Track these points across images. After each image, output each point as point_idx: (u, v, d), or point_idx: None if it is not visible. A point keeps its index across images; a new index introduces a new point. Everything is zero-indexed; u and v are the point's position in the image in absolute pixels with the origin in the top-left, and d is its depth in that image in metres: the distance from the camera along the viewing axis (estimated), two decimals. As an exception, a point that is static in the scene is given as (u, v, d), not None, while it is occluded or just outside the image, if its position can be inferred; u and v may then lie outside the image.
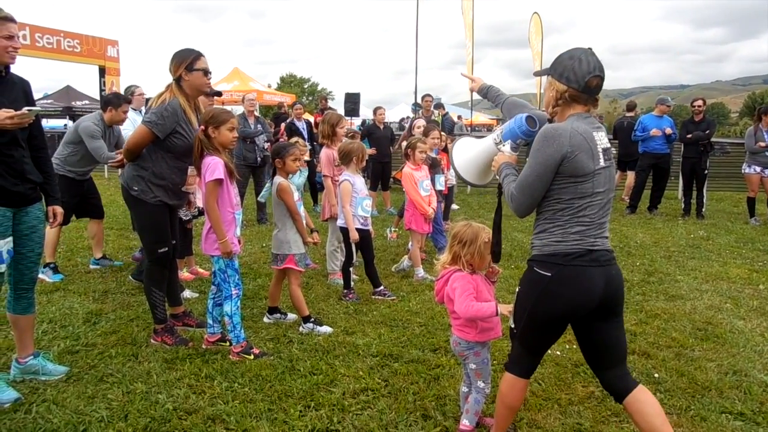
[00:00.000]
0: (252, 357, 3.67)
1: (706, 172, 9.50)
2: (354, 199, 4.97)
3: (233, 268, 3.72)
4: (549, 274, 2.38)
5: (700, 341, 4.12)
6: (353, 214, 4.96)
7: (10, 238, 3.07)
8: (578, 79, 2.35)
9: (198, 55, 3.74)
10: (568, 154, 2.29)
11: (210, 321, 3.92)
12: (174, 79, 3.74)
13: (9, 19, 2.98)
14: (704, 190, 9.75)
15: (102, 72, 16.63)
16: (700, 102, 9.62)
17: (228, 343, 3.83)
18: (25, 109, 2.97)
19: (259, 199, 7.44)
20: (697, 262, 6.52)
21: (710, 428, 2.96)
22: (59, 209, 3.43)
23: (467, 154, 2.82)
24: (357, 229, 4.97)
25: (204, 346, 3.87)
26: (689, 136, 9.40)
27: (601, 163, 2.35)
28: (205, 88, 3.83)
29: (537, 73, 2.77)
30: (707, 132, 9.33)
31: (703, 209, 9.68)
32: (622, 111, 11.30)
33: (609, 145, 2.43)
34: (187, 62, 3.70)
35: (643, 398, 2.43)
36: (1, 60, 3.00)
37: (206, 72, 3.76)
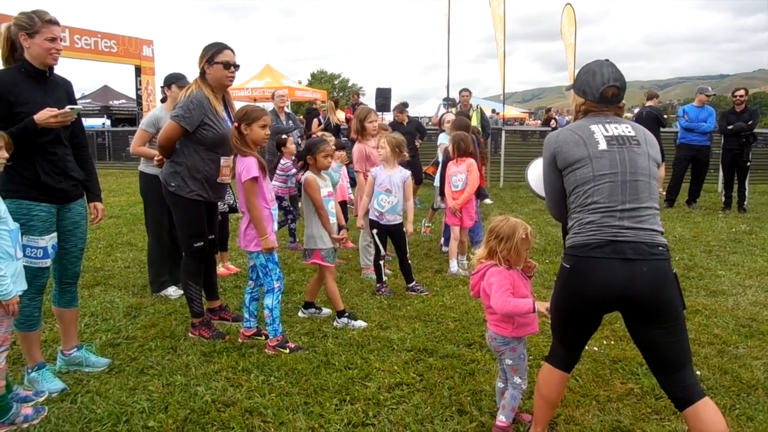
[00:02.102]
0: (287, 351, 3.71)
1: (748, 164, 9.20)
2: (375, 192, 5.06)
3: (274, 262, 3.78)
4: (568, 266, 2.41)
5: (744, 338, 4.00)
6: (371, 206, 5.07)
7: (55, 234, 3.16)
8: (593, 92, 2.47)
9: (220, 48, 3.76)
10: (556, 150, 2.46)
11: (246, 315, 3.97)
12: (199, 72, 3.81)
13: (53, 22, 3.06)
14: (746, 183, 9.44)
15: (138, 71, 16.97)
16: (741, 92, 9.29)
17: (264, 337, 3.88)
18: (67, 108, 3.05)
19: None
20: (740, 257, 6.33)
21: (758, 428, 2.86)
22: (100, 206, 3.51)
23: (537, 170, 3.04)
24: (378, 224, 5.04)
25: (240, 340, 3.92)
26: (730, 127, 9.11)
27: (601, 146, 2.37)
28: (225, 80, 3.81)
29: (567, 88, 2.81)
30: (750, 123, 9.03)
31: (745, 202, 9.37)
32: (657, 102, 10.95)
33: (625, 133, 2.41)
34: (208, 55, 3.74)
35: (705, 416, 2.24)
36: (45, 61, 3.08)
37: (227, 65, 3.75)
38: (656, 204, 2.39)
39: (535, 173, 3.18)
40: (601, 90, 2.45)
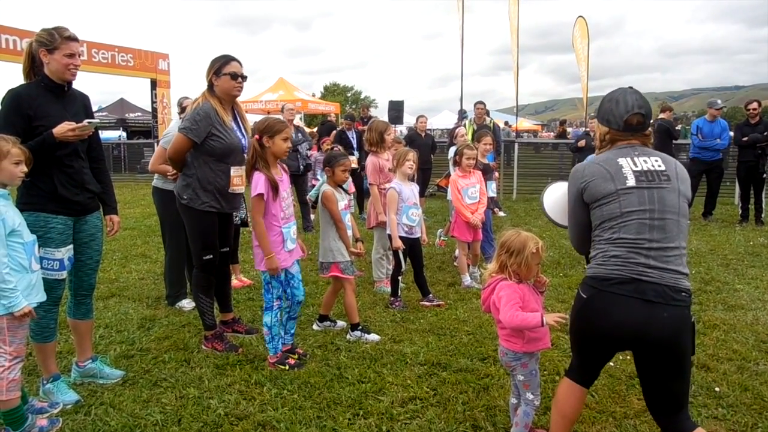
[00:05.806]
0: (287, 368, 3.64)
1: (764, 175, 9.08)
2: (400, 207, 4.97)
3: (278, 281, 3.72)
4: (585, 297, 2.36)
5: (765, 354, 3.92)
6: (398, 222, 4.96)
7: (71, 246, 3.20)
8: (617, 120, 2.41)
9: (227, 60, 3.80)
10: (583, 185, 2.39)
11: (281, 333, 3.86)
12: (207, 84, 3.85)
13: (72, 39, 3.12)
14: (763, 195, 9.32)
15: (153, 85, 17.18)
16: (755, 105, 9.18)
17: (296, 356, 3.81)
18: (85, 122, 3.10)
19: (308, 197, 7.65)
20: (758, 271, 6.23)
21: (778, 446, 2.81)
22: (116, 218, 3.55)
23: (553, 196, 2.93)
24: (403, 238, 4.96)
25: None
26: (745, 139, 9.01)
27: (629, 183, 2.29)
28: (233, 91, 3.84)
29: (590, 117, 2.78)
30: (765, 134, 8.93)
31: (763, 215, 9.25)
32: (670, 115, 10.83)
33: (655, 168, 2.33)
34: (215, 67, 3.79)
35: None
36: (63, 77, 3.14)
37: (234, 76, 3.78)
38: (684, 243, 2.34)
39: (552, 199, 3.04)
40: (625, 118, 2.38)
